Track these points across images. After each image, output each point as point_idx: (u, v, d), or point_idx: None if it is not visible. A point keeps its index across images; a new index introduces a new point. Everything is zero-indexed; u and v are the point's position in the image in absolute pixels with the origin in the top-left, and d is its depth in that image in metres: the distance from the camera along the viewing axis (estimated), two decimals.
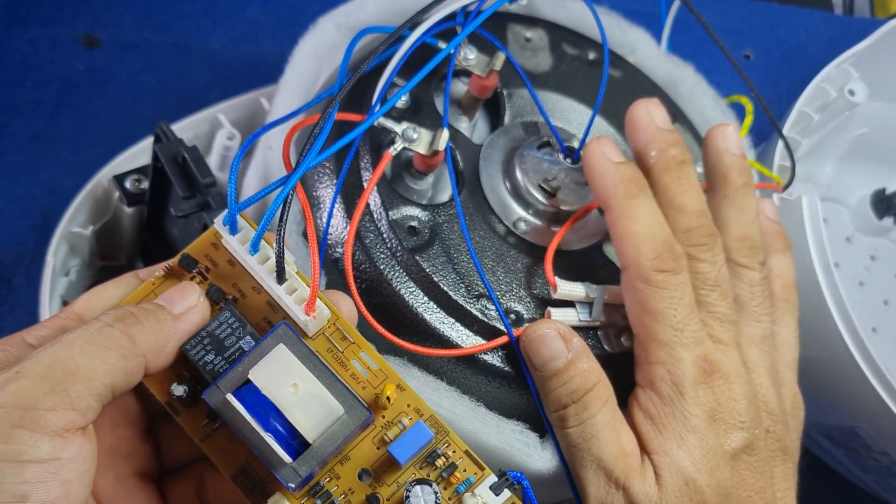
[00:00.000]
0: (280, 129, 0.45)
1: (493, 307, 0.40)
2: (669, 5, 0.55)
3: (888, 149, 0.66)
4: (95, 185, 0.52)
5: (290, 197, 0.32)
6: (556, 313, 0.40)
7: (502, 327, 0.39)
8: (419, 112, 0.44)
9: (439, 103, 0.45)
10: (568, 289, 0.40)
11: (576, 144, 0.45)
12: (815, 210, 0.52)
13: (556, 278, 0.40)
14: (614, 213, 0.38)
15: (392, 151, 0.39)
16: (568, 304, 0.41)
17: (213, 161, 0.53)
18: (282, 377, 0.30)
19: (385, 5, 0.47)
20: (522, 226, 0.44)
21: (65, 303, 0.52)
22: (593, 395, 0.37)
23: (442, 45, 0.43)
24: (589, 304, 0.41)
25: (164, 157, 0.44)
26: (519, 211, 0.44)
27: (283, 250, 0.32)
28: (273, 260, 0.33)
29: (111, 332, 0.30)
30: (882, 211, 0.66)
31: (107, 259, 0.56)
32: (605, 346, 0.41)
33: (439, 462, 0.33)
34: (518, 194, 0.44)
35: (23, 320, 0.58)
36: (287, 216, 0.32)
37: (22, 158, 0.61)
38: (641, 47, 0.53)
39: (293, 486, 0.30)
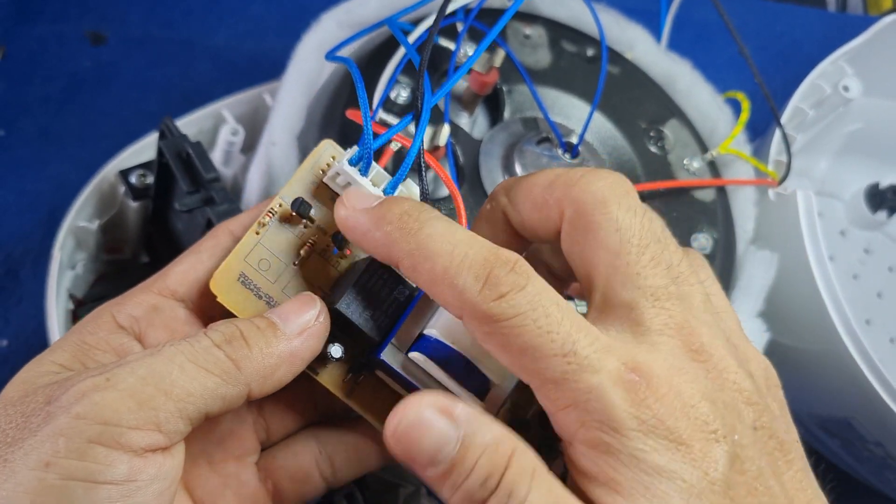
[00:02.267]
0: (282, 125, 0.46)
1: None
2: (669, 2, 0.56)
3: (882, 144, 0.67)
4: (101, 180, 0.52)
5: (423, 143, 0.31)
6: None
7: None
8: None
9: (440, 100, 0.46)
10: None
11: (575, 140, 0.46)
12: (809, 204, 0.52)
13: None
14: (406, 264, 0.27)
15: (393, 147, 0.40)
16: (567, 297, 0.41)
17: (216, 156, 0.53)
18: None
19: (386, 2, 0.48)
20: None
21: (71, 297, 0.52)
22: (514, 473, 0.26)
23: (444, 41, 0.44)
24: None
25: (168, 153, 0.45)
26: None
27: (427, 186, 0.30)
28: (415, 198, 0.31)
29: (216, 355, 0.27)
30: (876, 205, 0.67)
31: (113, 253, 0.57)
32: None
33: None
34: None
35: (30, 313, 0.58)
36: (423, 152, 0.30)
37: (29, 154, 0.62)
38: (639, 44, 0.54)
39: None
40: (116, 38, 0.67)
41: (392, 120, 0.41)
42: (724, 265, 0.49)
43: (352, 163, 0.30)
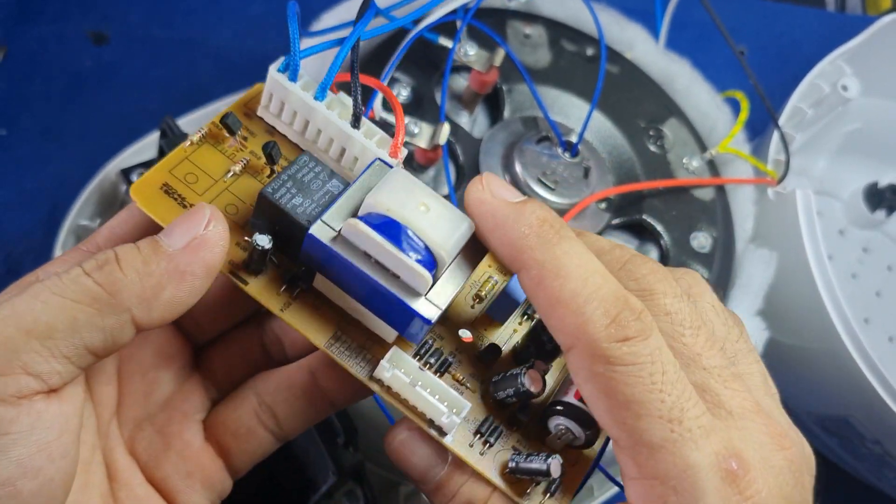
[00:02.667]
0: None
1: None
2: (665, 3, 0.56)
3: (881, 143, 0.67)
4: (103, 178, 0.52)
5: (358, 42, 0.30)
6: None
7: None
8: (420, 107, 0.45)
9: (440, 98, 0.46)
10: None
11: (574, 139, 0.46)
12: (808, 203, 0.52)
13: None
14: (532, 273, 0.26)
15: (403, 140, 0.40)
16: None
17: None
18: (407, 198, 0.27)
19: (388, 2, 0.48)
20: None
21: None
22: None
23: (442, 39, 0.44)
24: None
25: (169, 152, 0.45)
26: None
27: (360, 92, 0.29)
28: (343, 109, 0.30)
29: (83, 284, 0.24)
30: (874, 204, 0.67)
31: None
32: None
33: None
34: (517, 188, 0.45)
35: None
36: (358, 59, 0.30)
37: (31, 152, 0.62)
38: (639, 44, 0.54)
39: (433, 319, 0.27)
40: (118, 38, 0.67)
41: (391, 118, 0.41)
42: (724, 264, 0.49)
43: (280, 70, 0.30)
